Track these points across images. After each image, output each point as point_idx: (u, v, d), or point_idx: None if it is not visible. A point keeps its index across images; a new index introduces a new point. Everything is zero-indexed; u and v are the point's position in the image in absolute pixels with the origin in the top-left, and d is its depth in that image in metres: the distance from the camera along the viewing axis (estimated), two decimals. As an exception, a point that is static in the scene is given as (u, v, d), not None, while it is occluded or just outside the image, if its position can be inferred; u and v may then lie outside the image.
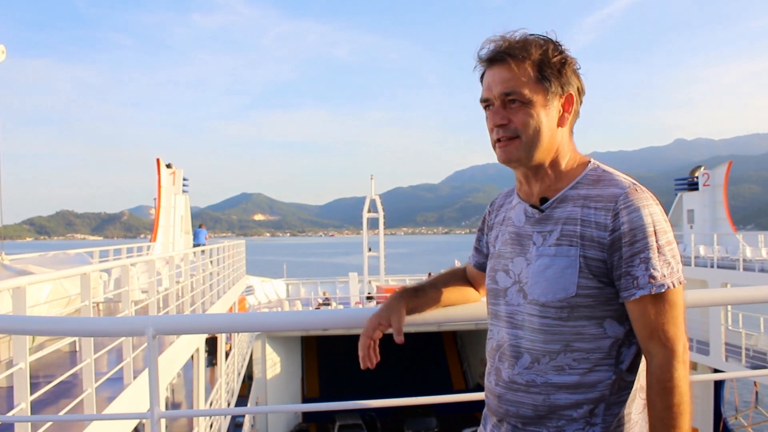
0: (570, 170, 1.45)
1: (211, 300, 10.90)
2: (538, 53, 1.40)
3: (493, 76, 1.42)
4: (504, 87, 1.40)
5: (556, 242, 1.39)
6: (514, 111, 1.40)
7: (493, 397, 1.48)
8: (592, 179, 1.41)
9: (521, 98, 1.39)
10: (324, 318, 1.83)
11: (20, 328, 1.99)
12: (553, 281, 1.37)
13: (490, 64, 1.43)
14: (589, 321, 1.36)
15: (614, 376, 1.36)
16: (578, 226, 1.37)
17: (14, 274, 6.36)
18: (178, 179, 21.17)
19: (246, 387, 20.04)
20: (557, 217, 1.41)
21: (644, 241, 1.31)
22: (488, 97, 1.44)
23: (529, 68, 1.39)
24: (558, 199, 1.43)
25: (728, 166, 23.76)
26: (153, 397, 1.74)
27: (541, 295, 1.38)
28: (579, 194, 1.40)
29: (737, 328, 16.85)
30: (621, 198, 1.34)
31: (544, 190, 1.45)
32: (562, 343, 1.37)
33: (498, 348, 1.48)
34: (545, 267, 1.39)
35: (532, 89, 1.39)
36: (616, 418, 1.37)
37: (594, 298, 1.36)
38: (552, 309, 1.37)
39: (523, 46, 1.40)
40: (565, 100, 1.43)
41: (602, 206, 1.35)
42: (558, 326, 1.37)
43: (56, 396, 4.57)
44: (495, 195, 1.70)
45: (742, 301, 1.96)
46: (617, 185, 1.37)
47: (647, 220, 1.32)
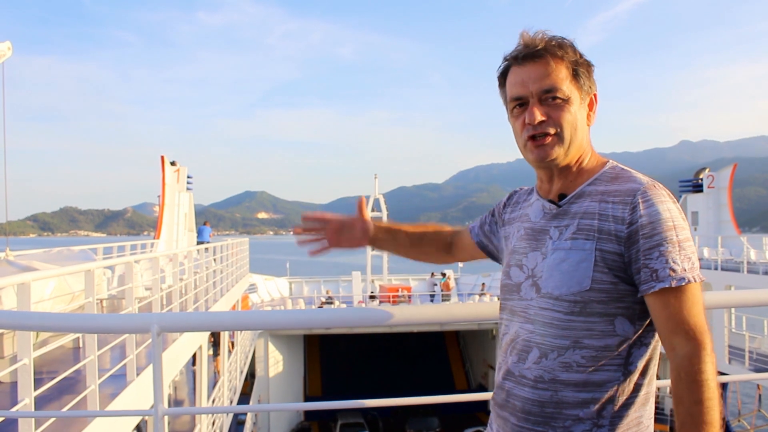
0: (590, 169, 1.46)
1: (215, 298, 10.93)
2: (573, 53, 1.42)
3: (528, 72, 1.41)
4: (543, 83, 1.40)
5: (572, 236, 1.39)
6: (552, 108, 1.41)
7: (502, 392, 1.47)
8: (611, 176, 1.42)
9: (561, 95, 1.40)
10: (327, 317, 1.83)
11: (24, 323, 2.00)
12: (567, 274, 1.36)
13: (524, 62, 1.42)
14: (601, 318, 1.35)
15: (623, 377, 1.35)
16: (596, 220, 1.36)
17: (19, 270, 6.39)
18: (182, 177, 21.23)
19: (248, 385, 20.07)
20: (574, 212, 1.41)
21: (663, 235, 1.30)
22: (524, 94, 1.42)
23: (566, 66, 1.41)
24: (576, 195, 1.43)
25: (733, 168, 23.69)
26: (157, 394, 1.74)
27: (555, 288, 1.38)
28: (597, 190, 1.41)
29: (741, 330, 16.79)
30: (639, 192, 1.34)
31: (564, 187, 1.46)
32: (571, 339, 1.35)
33: (510, 342, 1.47)
34: (560, 260, 1.38)
35: (570, 86, 1.41)
36: (625, 421, 1.35)
37: (607, 294, 1.34)
38: (565, 303, 1.36)
39: (559, 44, 1.42)
40: (590, 100, 1.46)
41: (620, 200, 1.35)
42: (568, 321, 1.36)
43: (60, 392, 4.58)
44: (499, 195, 1.73)
45: (745, 304, 1.95)
46: (635, 181, 1.37)
47: (666, 215, 1.31)
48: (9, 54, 7.78)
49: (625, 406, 1.35)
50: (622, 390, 1.35)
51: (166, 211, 20.41)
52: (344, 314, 1.74)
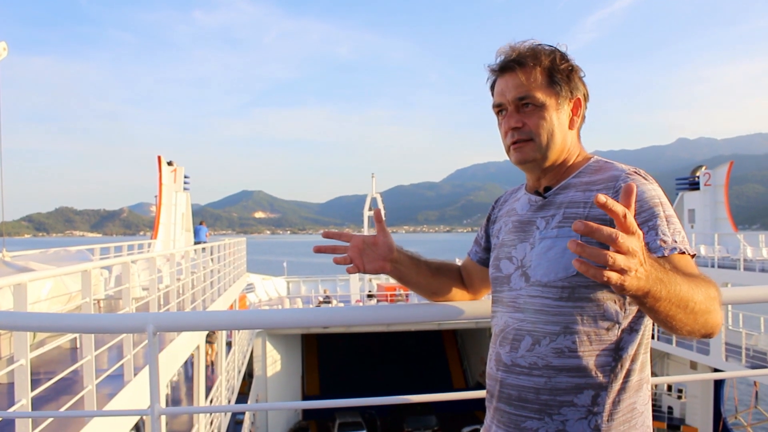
0: (575, 165, 1.51)
1: (212, 297, 10.91)
2: (548, 60, 1.47)
3: (506, 82, 1.49)
4: (517, 92, 1.47)
5: (558, 224, 1.43)
6: (527, 114, 1.47)
7: (494, 383, 1.48)
8: (594, 169, 1.48)
9: (534, 101, 1.46)
10: (324, 316, 1.84)
11: (21, 324, 1.99)
12: (554, 261, 1.39)
13: (502, 73, 1.50)
14: (589, 302, 1.37)
15: (614, 362, 1.36)
16: (581, 208, 1.40)
17: (15, 270, 6.37)
18: (179, 177, 21.19)
19: (246, 384, 20.08)
20: (560, 202, 1.46)
21: (650, 211, 1.32)
22: (501, 102, 1.50)
23: (539, 74, 1.47)
24: (561, 187, 1.49)
25: (729, 166, 23.75)
26: (153, 394, 1.74)
27: (543, 275, 1.40)
28: (581, 181, 1.46)
29: (737, 327, 16.87)
30: (622, 177, 1.39)
31: (549, 181, 1.52)
32: (561, 325, 1.38)
33: (500, 333, 1.49)
34: (548, 248, 1.42)
35: (544, 93, 1.47)
36: (620, 407, 1.36)
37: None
38: (553, 289, 1.39)
39: (533, 54, 1.48)
40: (574, 104, 1.50)
41: (603, 186, 1.40)
42: (558, 307, 1.38)
43: (57, 392, 4.58)
44: (497, 194, 1.73)
45: (742, 301, 1.95)
46: (617, 170, 1.43)
47: (651, 193, 1.35)
48: (5, 54, 7.77)
49: (619, 392, 1.37)
50: (615, 375, 1.36)
51: (163, 211, 20.40)
52: (342, 313, 1.73)
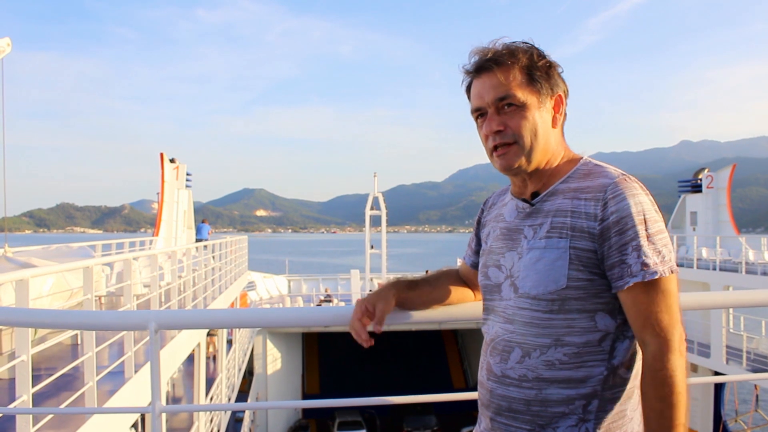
0: (562, 167, 1.46)
1: (213, 295, 10.92)
2: (525, 58, 1.42)
3: (483, 83, 1.43)
4: (496, 92, 1.41)
5: (546, 235, 1.39)
6: (509, 116, 1.41)
7: (485, 391, 1.48)
8: (583, 173, 1.43)
9: (515, 101, 1.40)
10: (325, 315, 1.84)
11: (23, 320, 2.00)
12: (543, 273, 1.37)
13: (479, 74, 1.44)
14: (580, 314, 1.35)
15: (606, 371, 1.35)
16: (569, 217, 1.37)
17: (17, 266, 6.38)
18: (181, 174, 21.19)
19: (246, 382, 20.07)
20: (547, 210, 1.42)
21: (634, 230, 1.31)
22: (480, 105, 1.44)
23: (518, 72, 1.41)
24: (548, 193, 1.44)
25: (732, 168, 23.69)
26: (154, 391, 1.75)
27: (532, 287, 1.38)
28: (569, 187, 1.41)
29: (738, 331, 16.82)
30: (610, 187, 1.35)
31: (536, 186, 1.47)
32: (552, 338, 1.36)
33: (491, 342, 1.48)
34: (536, 260, 1.39)
35: (524, 92, 1.41)
36: (611, 415, 1.35)
37: (585, 290, 1.35)
38: (543, 302, 1.37)
39: (509, 52, 1.42)
40: (555, 101, 1.45)
41: (591, 196, 1.36)
42: (548, 320, 1.36)
43: (58, 389, 4.59)
44: None
45: (743, 304, 1.95)
46: (607, 176, 1.38)
47: (636, 209, 1.32)
48: (8, 50, 7.78)
49: (611, 400, 1.36)
50: (608, 384, 1.35)
51: (165, 208, 20.40)
52: (343, 312, 1.74)
